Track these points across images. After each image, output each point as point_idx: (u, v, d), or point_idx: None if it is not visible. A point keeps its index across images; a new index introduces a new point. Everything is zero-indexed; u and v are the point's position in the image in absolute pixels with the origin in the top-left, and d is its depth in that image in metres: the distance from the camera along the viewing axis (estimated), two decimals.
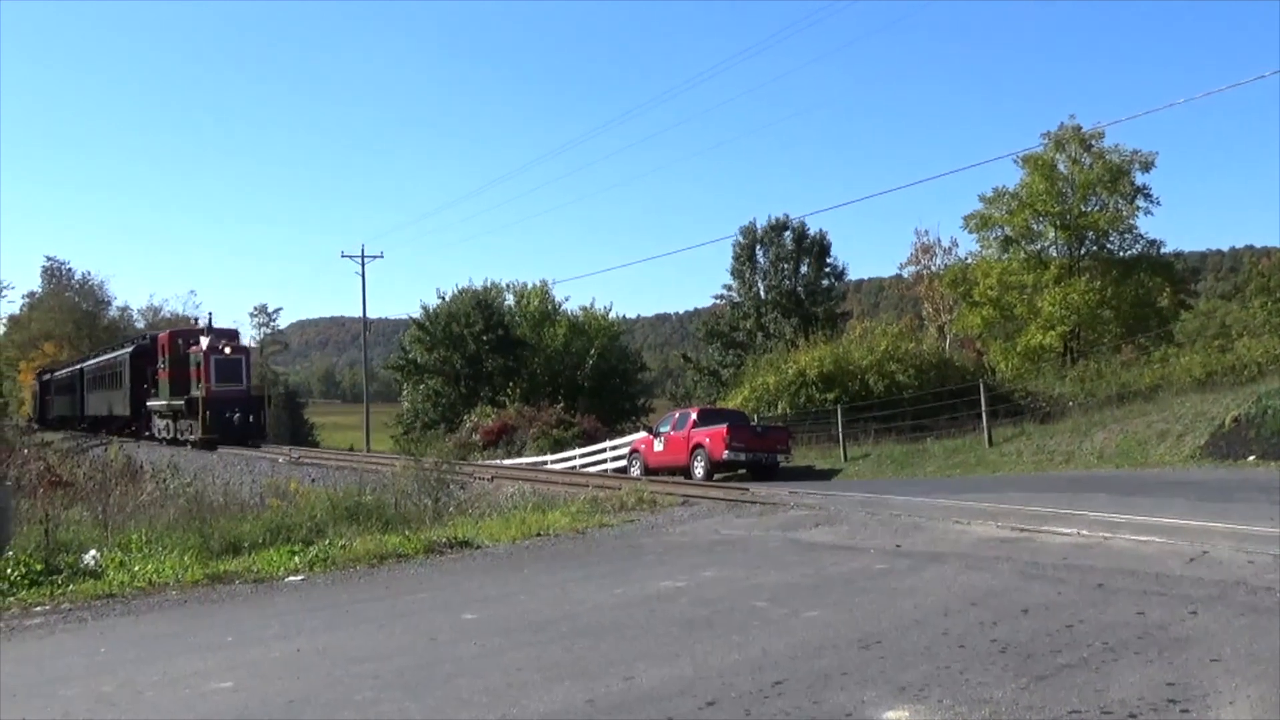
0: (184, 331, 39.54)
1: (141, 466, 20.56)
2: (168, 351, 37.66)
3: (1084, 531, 9.31)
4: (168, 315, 72.67)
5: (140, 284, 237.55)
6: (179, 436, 36.82)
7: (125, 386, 42.99)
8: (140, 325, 76.09)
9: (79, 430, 50.04)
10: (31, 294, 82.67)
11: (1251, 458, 17.05)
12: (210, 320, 39.49)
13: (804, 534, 10.45)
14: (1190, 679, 4.87)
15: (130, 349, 44.00)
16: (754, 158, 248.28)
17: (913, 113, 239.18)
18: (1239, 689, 4.70)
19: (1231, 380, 23.05)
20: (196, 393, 35.12)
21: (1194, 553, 7.91)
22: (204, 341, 36.30)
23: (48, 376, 66.02)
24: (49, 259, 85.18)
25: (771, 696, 4.93)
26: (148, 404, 40.25)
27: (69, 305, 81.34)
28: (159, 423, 39.52)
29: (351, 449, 48.44)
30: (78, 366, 56.23)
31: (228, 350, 36.10)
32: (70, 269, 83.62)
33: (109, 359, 47.77)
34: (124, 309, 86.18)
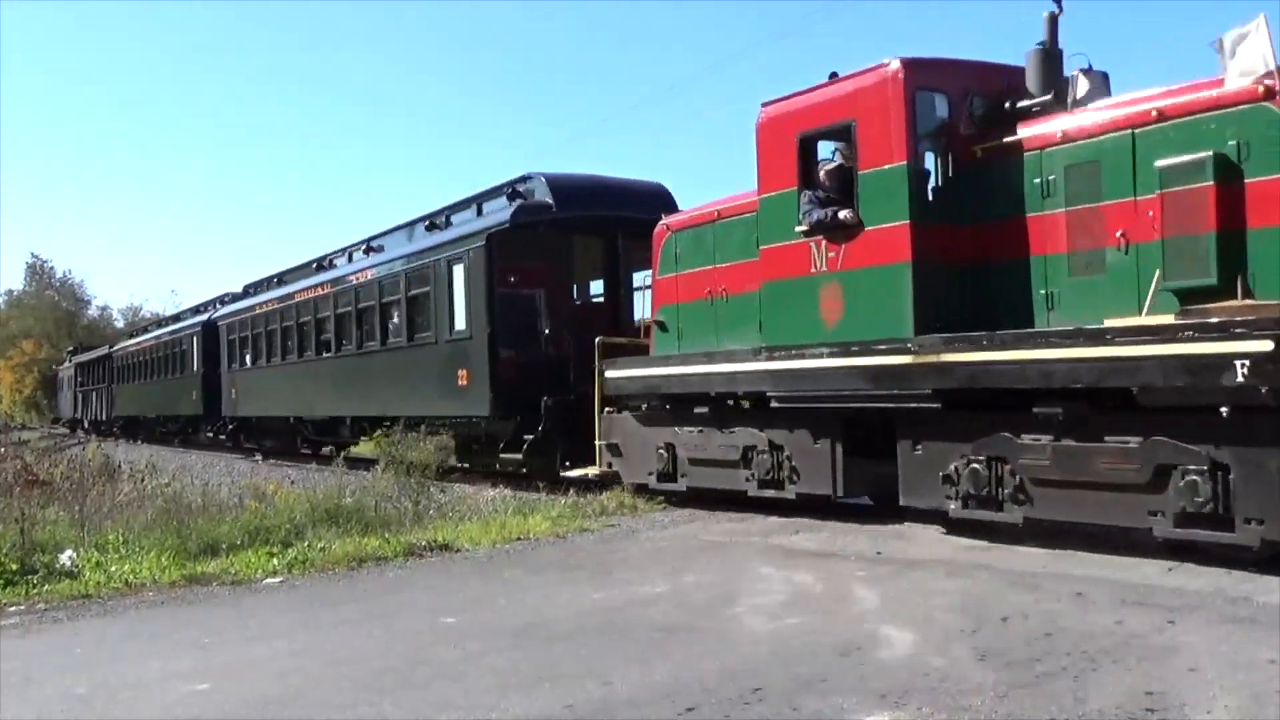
0: (954, 69, 9.48)
1: (119, 466, 20.37)
2: (899, 138, 8.83)
3: None
4: (148, 315, 71.75)
5: (120, 284, 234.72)
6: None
7: (470, 337, 16.42)
8: (120, 325, 75.45)
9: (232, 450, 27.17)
10: (9, 291, 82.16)
11: None
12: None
13: (784, 540, 10.45)
14: (1169, 688, 4.89)
15: (493, 222, 16.10)
16: None
17: None
18: (1216, 698, 4.73)
19: None
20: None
21: (1172, 562, 7.95)
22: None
23: (97, 354, 47.65)
24: (34, 256, 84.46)
25: (751, 703, 4.93)
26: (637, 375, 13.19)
27: (50, 304, 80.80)
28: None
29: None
30: (198, 320, 30.67)
31: None
32: (52, 267, 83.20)
33: (372, 271, 19.65)
34: (104, 309, 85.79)
